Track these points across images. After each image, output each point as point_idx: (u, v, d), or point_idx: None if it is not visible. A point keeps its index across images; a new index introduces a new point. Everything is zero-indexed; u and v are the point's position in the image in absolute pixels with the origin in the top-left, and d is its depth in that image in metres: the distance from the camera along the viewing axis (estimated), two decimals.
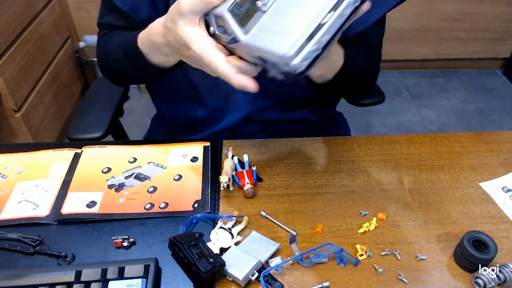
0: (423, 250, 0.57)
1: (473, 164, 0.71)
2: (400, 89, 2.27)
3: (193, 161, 0.71)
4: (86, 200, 0.63)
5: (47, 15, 1.75)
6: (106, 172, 0.68)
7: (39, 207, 0.62)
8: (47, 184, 0.66)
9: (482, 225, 0.61)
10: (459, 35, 2.25)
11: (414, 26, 2.18)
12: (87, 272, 0.51)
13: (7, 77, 1.43)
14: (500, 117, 2.08)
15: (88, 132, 0.84)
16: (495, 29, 2.23)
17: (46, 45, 1.73)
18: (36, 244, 0.57)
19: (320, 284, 0.52)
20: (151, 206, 0.62)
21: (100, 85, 1.02)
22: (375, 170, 0.70)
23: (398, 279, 0.54)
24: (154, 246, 0.58)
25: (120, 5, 0.69)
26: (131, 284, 0.50)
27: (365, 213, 0.62)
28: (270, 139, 0.76)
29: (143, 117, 0.97)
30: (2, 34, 1.42)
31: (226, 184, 0.64)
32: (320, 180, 0.68)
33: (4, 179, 0.67)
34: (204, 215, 0.61)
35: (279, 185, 0.67)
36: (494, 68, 2.44)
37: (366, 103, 0.99)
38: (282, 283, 0.52)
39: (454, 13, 2.16)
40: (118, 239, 0.57)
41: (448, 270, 0.55)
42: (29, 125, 1.56)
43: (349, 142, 0.76)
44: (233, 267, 0.52)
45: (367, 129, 2.00)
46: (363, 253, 0.56)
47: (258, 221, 0.61)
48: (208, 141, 0.75)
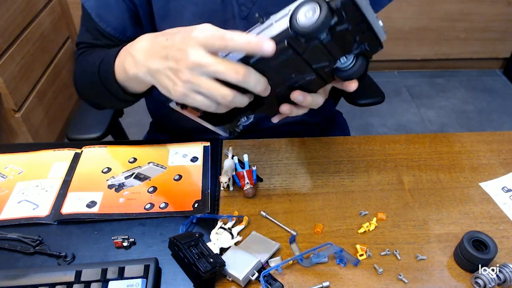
0: (423, 250, 0.57)
1: (473, 164, 0.71)
2: (400, 89, 2.27)
3: (193, 161, 0.71)
4: (86, 200, 0.63)
5: (47, 15, 1.75)
6: (106, 172, 0.68)
7: (39, 207, 0.62)
8: (47, 184, 0.66)
9: (482, 225, 0.61)
10: (459, 35, 2.25)
11: (414, 26, 2.18)
12: (87, 272, 0.51)
13: (7, 77, 1.43)
14: (500, 117, 2.08)
15: (88, 132, 0.84)
16: (495, 29, 2.23)
17: (46, 45, 1.73)
18: (36, 244, 0.57)
19: (320, 284, 0.52)
20: (151, 206, 0.62)
21: None
22: (375, 170, 0.70)
23: (398, 279, 0.54)
24: (154, 246, 0.58)
25: (104, 26, 0.68)
26: (131, 284, 0.50)
27: (365, 213, 0.62)
28: (270, 139, 0.76)
29: (143, 117, 0.97)
30: (2, 34, 1.42)
31: (226, 184, 0.64)
32: (320, 180, 0.68)
33: (4, 179, 0.67)
34: (204, 215, 0.61)
35: (279, 185, 0.67)
36: (494, 68, 2.44)
37: (366, 103, 0.98)
38: (282, 283, 0.52)
39: (454, 13, 2.16)
40: (118, 239, 0.57)
41: (448, 270, 0.55)
42: (29, 125, 1.56)
43: (349, 142, 0.76)
44: (233, 267, 0.52)
45: (367, 129, 2.00)
46: (363, 253, 0.56)
47: (258, 221, 0.61)
48: (208, 141, 0.75)
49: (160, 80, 0.50)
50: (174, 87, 0.48)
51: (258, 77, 0.47)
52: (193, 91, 0.47)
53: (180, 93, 0.48)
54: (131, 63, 0.53)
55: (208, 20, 0.69)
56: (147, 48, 0.52)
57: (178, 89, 0.48)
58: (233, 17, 0.69)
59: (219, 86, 0.47)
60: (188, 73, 0.46)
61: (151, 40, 0.52)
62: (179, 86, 0.47)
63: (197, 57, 0.46)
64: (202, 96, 0.48)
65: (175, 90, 0.48)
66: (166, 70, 0.49)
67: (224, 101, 0.47)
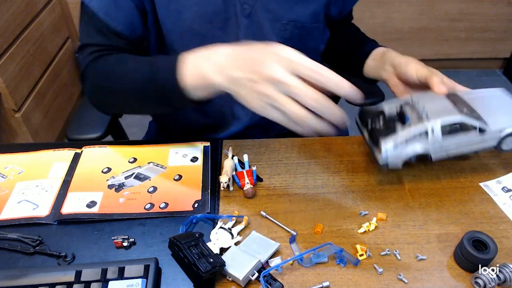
0: (423, 250, 0.57)
1: (473, 164, 0.71)
2: None
3: (193, 161, 0.71)
4: (86, 200, 0.63)
5: (47, 15, 1.75)
6: (106, 172, 0.68)
7: (39, 207, 0.62)
8: (47, 184, 0.66)
9: (482, 225, 0.61)
10: (459, 35, 2.25)
11: (414, 26, 2.18)
12: (87, 272, 0.51)
13: (7, 77, 1.43)
14: None
15: (88, 132, 0.84)
16: (495, 29, 2.23)
17: (46, 45, 1.73)
18: (36, 244, 0.57)
19: (320, 284, 0.52)
20: (151, 206, 0.62)
21: None
22: (375, 170, 0.70)
23: (398, 279, 0.54)
24: (154, 246, 0.58)
25: (114, 25, 0.66)
26: (131, 284, 0.50)
27: (365, 213, 0.62)
28: (270, 139, 0.76)
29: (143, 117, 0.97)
30: (2, 34, 1.42)
31: (226, 184, 0.64)
32: (320, 180, 0.68)
33: (4, 179, 0.67)
34: (204, 215, 0.61)
35: (279, 185, 0.67)
36: (494, 68, 2.44)
37: (366, 103, 0.98)
38: (282, 283, 0.52)
39: (454, 13, 2.16)
40: (118, 239, 0.57)
41: (448, 270, 0.55)
42: (29, 125, 1.56)
43: (349, 142, 0.76)
44: (233, 267, 0.52)
45: None
46: (363, 253, 0.56)
47: (258, 221, 0.61)
48: (208, 141, 0.75)
49: (240, 89, 0.51)
50: (252, 98, 0.50)
51: (335, 110, 0.48)
52: (269, 105, 0.49)
53: (257, 105, 0.50)
54: (212, 70, 0.53)
55: (210, 20, 0.69)
56: (230, 57, 0.52)
57: (256, 101, 0.50)
58: (235, 15, 0.69)
59: (295, 106, 0.48)
60: (267, 87, 0.48)
61: (233, 49, 0.53)
62: (257, 98, 0.49)
63: (279, 74, 0.47)
64: (279, 112, 0.49)
65: (253, 102, 0.50)
66: (246, 80, 0.50)
67: (300, 122, 0.49)
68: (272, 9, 0.70)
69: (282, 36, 0.73)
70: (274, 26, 0.72)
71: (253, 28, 0.71)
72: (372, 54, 0.79)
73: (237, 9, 0.69)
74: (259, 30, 0.71)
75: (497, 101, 0.65)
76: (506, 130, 0.60)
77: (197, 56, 0.56)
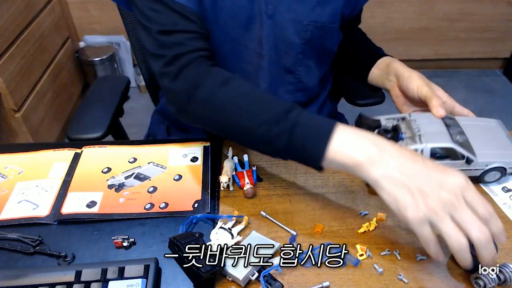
0: (423, 250, 0.57)
1: None
2: None
3: (193, 161, 0.71)
4: (86, 200, 0.63)
5: (47, 15, 1.75)
6: (106, 172, 0.68)
7: (39, 207, 0.62)
8: (47, 184, 0.66)
9: None
10: (459, 35, 2.25)
11: (414, 26, 2.18)
12: (87, 272, 0.51)
13: (7, 77, 1.43)
14: (500, 117, 2.06)
15: (88, 132, 0.84)
16: (495, 29, 2.23)
17: (46, 45, 1.73)
18: (36, 244, 0.57)
19: (320, 284, 0.52)
20: (151, 206, 0.62)
21: (100, 85, 1.02)
22: None
23: (398, 279, 0.54)
24: (154, 246, 0.58)
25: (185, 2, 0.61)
26: (131, 284, 0.50)
27: (365, 213, 0.62)
28: None
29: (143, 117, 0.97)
30: (2, 34, 1.42)
31: (226, 184, 0.64)
32: (320, 180, 0.68)
33: (4, 179, 0.67)
34: (204, 215, 0.61)
35: (279, 185, 0.67)
36: (494, 68, 2.44)
37: (366, 103, 0.98)
38: (282, 283, 0.52)
39: (454, 13, 2.16)
40: (118, 239, 0.57)
41: (448, 270, 0.55)
42: (29, 125, 1.56)
43: None
44: (233, 267, 0.52)
45: None
46: (363, 253, 0.56)
47: (258, 221, 0.61)
48: (208, 141, 0.75)
49: (400, 192, 0.48)
50: (416, 208, 0.47)
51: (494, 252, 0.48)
52: (429, 223, 0.47)
53: (418, 217, 0.47)
54: (373, 158, 0.50)
55: (235, 15, 0.68)
56: (400, 154, 0.50)
57: (418, 213, 0.47)
58: (260, 14, 0.69)
59: (458, 233, 0.47)
60: (438, 205, 0.47)
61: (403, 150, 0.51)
62: (422, 210, 0.47)
63: (455, 199, 0.47)
64: (431, 232, 0.48)
65: (415, 211, 0.47)
66: (414, 188, 0.48)
67: (457, 252, 0.48)
68: (294, 9, 0.70)
69: (304, 37, 0.72)
70: (296, 27, 0.71)
71: (275, 29, 0.71)
72: (377, 63, 0.79)
73: (262, 8, 0.69)
74: (281, 31, 0.71)
75: (490, 133, 0.68)
76: (492, 164, 0.63)
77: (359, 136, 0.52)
